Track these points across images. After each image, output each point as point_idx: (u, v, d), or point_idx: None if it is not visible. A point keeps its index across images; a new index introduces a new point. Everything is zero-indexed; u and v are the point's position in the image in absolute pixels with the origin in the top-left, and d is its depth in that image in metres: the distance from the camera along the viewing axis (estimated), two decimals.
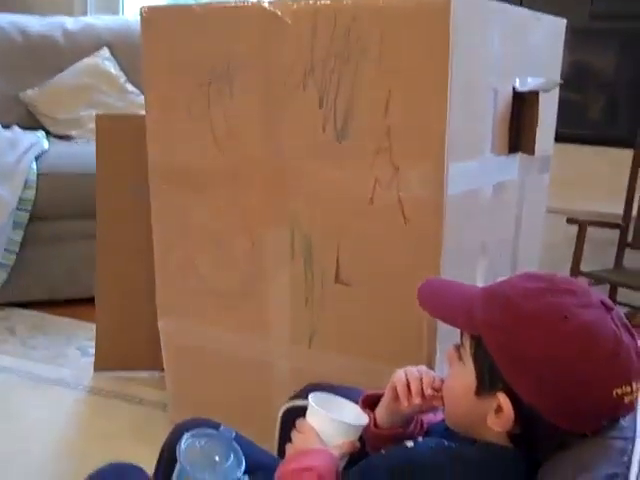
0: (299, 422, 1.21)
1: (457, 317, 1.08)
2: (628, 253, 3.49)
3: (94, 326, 2.80)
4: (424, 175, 1.66)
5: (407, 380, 1.19)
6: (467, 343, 1.07)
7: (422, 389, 1.17)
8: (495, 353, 1.01)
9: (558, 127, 2.30)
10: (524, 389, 0.98)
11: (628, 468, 0.91)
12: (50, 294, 3.41)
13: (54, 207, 3.31)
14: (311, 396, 1.22)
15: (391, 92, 1.67)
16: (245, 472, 1.30)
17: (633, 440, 0.98)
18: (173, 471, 1.28)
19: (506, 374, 0.99)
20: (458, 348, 1.10)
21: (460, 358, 1.08)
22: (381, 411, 1.23)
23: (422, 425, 1.26)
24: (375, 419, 1.24)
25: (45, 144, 3.52)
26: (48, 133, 3.80)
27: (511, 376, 0.99)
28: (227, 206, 1.95)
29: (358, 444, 1.20)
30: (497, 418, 1.01)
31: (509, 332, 0.99)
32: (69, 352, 2.97)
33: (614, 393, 0.96)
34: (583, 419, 0.98)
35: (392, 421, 1.22)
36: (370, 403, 1.26)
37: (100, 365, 2.77)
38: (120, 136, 2.55)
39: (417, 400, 1.17)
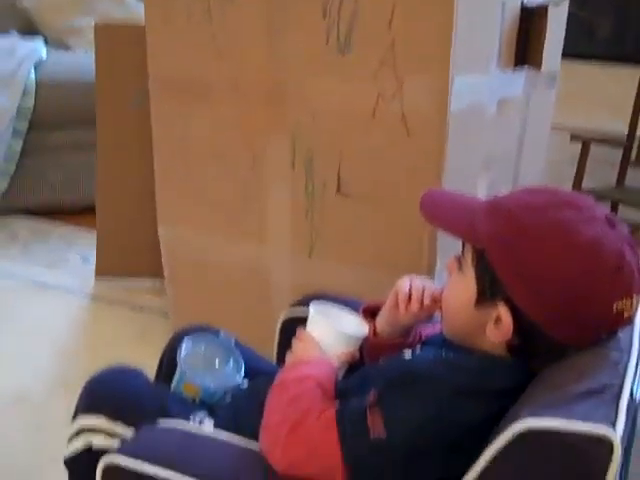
0: (299, 331, 1.22)
1: (460, 228, 1.08)
2: (631, 171, 3.48)
3: (95, 234, 2.81)
4: (428, 88, 1.64)
5: (410, 288, 1.20)
6: (468, 254, 1.07)
7: (422, 298, 1.18)
8: (497, 266, 1.01)
9: (565, 43, 2.26)
10: (525, 302, 0.99)
11: (622, 378, 0.93)
12: (50, 202, 3.42)
13: (53, 116, 3.29)
14: (312, 305, 1.23)
15: (396, 3, 1.63)
16: (244, 377, 1.33)
17: (629, 352, 0.99)
18: (173, 375, 1.31)
19: (507, 287, 1.00)
20: (459, 259, 1.10)
21: (461, 269, 1.09)
22: (381, 320, 1.25)
23: (420, 337, 1.28)
24: (375, 328, 1.25)
25: (43, 52, 3.47)
26: (46, 41, 3.73)
27: (512, 289, 0.99)
28: (228, 117, 1.93)
29: (357, 354, 1.21)
30: (496, 329, 1.02)
31: (512, 246, 0.99)
32: (70, 259, 2.99)
33: (614, 307, 0.96)
34: (582, 332, 0.98)
35: (391, 330, 1.24)
36: (370, 313, 1.28)
37: (101, 272, 2.79)
38: (119, 45, 2.51)
39: (415, 307, 1.18)
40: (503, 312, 1.01)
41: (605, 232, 0.97)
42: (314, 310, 1.22)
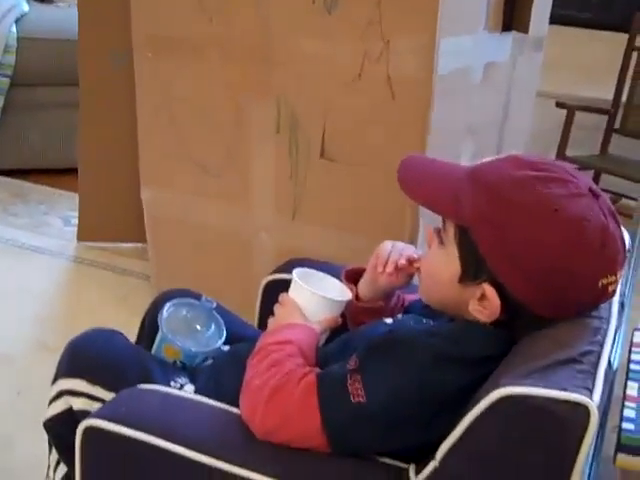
0: (282, 296, 1.22)
1: (442, 205, 1.05)
2: (615, 140, 3.48)
3: (76, 196, 2.78)
4: (415, 50, 1.62)
5: (390, 250, 1.20)
6: (451, 229, 1.04)
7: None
8: (484, 247, 0.98)
9: (553, 8, 2.24)
10: (512, 282, 0.97)
11: (602, 346, 0.93)
12: (31, 162, 3.38)
13: (35, 73, 3.24)
14: (295, 271, 1.23)
15: None
16: (225, 343, 1.32)
17: (608, 320, 1.00)
18: (155, 339, 1.31)
19: (494, 267, 0.98)
20: (439, 232, 1.07)
21: (441, 242, 1.06)
22: (362, 283, 1.25)
23: (403, 303, 1.28)
24: (357, 293, 1.25)
25: (25, 7, 3.39)
26: None
27: (499, 269, 0.98)
28: (213, 77, 1.91)
29: (340, 320, 1.21)
30: (480, 306, 1.01)
31: (499, 227, 0.97)
32: (51, 221, 2.97)
33: (599, 283, 0.96)
34: (567, 309, 0.98)
35: (372, 294, 1.24)
36: (353, 277, 1.27)
37: (83, 236, 2.77)
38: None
39: (390, 267, 1.19)
40: (490, 293, 0.99)
41: (590, 207, 0.96)
42: (297, 276, 1.21)
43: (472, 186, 1.01)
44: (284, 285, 1.24)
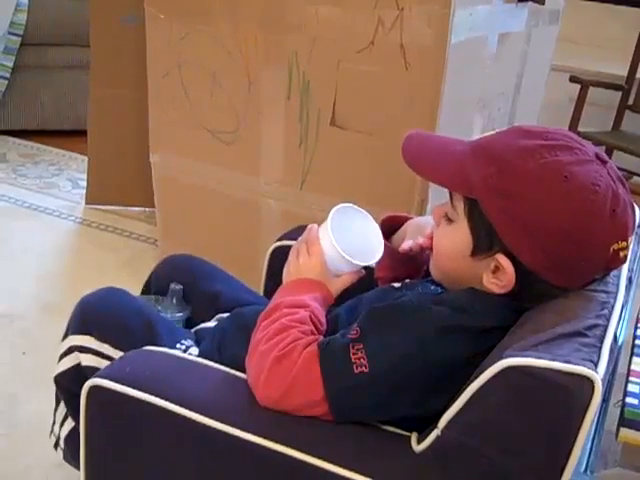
0: (311, 232, 1.15)
1: (450, 179, 1.04)
2: (628, 117, 3.45)
3: (85, 158, 2.79)
4: (429, 19, 1.60)
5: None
6: (459, 204, 1.03)
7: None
8: (495, 218, 0.97)
9: None
10: (525, 252, 0.96)
11: (608, 320, 0.93)
12: (41, 124, 3.37)
13: (46, 32, 3.22)
14: (335, 208, 1.16)
15: None
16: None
17: (615, 294, 0.99)
18: None
19: (506, 238, 0.97)
20: (447, 209, 1.06)
21: (449, 219, 1.05)
22: (399, 235, 1.24)
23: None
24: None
25: None
26: None
27: (512, 240, 0.97)
28: (225, 41, 1.89)
29: (363, 272, 1.17)
30: (495, 278, 1.00)
31: (509, 196, 0.96)
32: (60, 183, 2.98)
33: (611, 249, 0.96)
34: (579, 275, 0.98)
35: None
36: (390, 222, 1.26)
37: (92, 199, 2.78)
38: None
39: (405, 247, 1.18)
40: (505, 263, 0.98)
41: (600, 172, 0.95)
42: (334, 214, 1.14)
43: (479, 158, 1.00)
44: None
